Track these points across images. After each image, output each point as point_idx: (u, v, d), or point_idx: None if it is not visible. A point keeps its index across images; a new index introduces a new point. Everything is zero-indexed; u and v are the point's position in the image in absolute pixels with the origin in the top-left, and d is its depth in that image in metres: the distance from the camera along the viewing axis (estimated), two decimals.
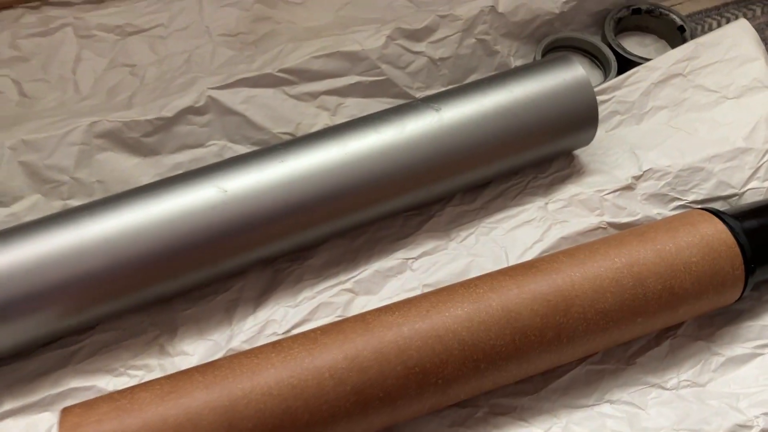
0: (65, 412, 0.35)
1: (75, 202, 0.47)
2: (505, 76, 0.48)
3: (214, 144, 0.50)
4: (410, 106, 0.46)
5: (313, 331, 0.38)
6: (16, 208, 0.46)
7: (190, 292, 0.44)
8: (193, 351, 0.42)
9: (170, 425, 0.34)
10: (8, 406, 0.40)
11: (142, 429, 0.34)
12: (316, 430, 0.36)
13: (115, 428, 0.34)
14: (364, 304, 0.44)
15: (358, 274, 0.45)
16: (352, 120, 0.45)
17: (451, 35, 0.55)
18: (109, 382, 0.41)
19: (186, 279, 0.42)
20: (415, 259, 0.46)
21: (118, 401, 0.35)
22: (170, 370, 0.41)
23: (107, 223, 0.40)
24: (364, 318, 0.38)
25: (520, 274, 0.40)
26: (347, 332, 0.38)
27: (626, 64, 0.57)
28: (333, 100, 0.52)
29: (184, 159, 0.49)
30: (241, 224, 0.42)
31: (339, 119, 0.52)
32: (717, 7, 0.64)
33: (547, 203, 0.48)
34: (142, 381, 0.40)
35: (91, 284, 0.40)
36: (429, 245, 0.46)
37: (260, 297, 0.44)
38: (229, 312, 0.44)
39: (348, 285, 0.45)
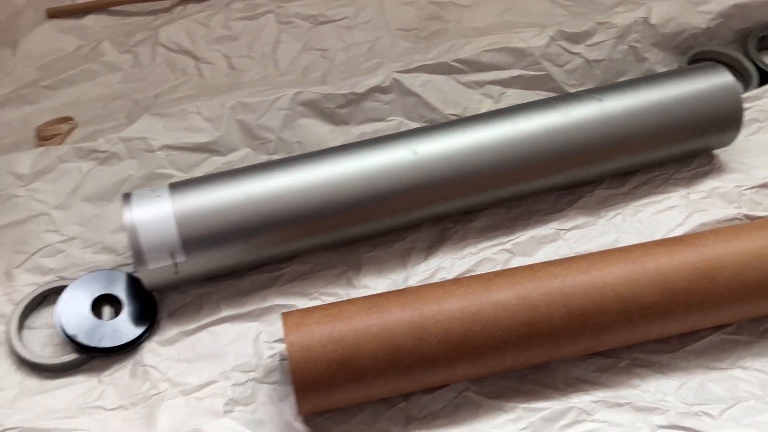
0: (286, 314, 0.43)
1: (277, 158, 0.55)
2: (660, 76, 0.53)
3: (393, 119, 0.58)
4: (575, 95, 0.52)
5: (488, 273, 0.45)
6: (230, 157, 0.56)
7: (371, 239, 0.52)
8: (374, 286, 0.50)
9: (373, 332, 0.42)
10: (226, 313, 0.48)
11: (350, 333, 0.42)
12: (489, 352, 0.42)
13: (329, 330, 0.42)
14: (522, 263, 0.50)
15: (516, 237, 0.52)
16: (523, 103, 0.52)
17: (606, 40, 0.61)
18: (305, 304, 0.49)
19: (370, 226, 0.50)
20: (567, 230, 0.52)
21: (329, 310, 0.43)
22: None
23: (308, 174, 0.48)
24: (531, 268, 0.45)
25: (671, 245, 0.46)
26: (518, 276, 0.44)
27: (767, 78, 0.61)
28: (497, 89, 0.59)
29: (368, 130, 0.57)
30: (422, 183, 0.49)
31: (501, 107, 0.58)
32: None
33: (689, 193, 0.53)
34: None
35: (292, 223, 0.48)
36: (580, 220, 0.53)
37: (430, 248, 0.52)
38: (404, 258, 0.51)
39: (507, 246, 0.51)
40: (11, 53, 0.63)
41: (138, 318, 0.47)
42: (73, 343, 0.45)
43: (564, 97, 0.52)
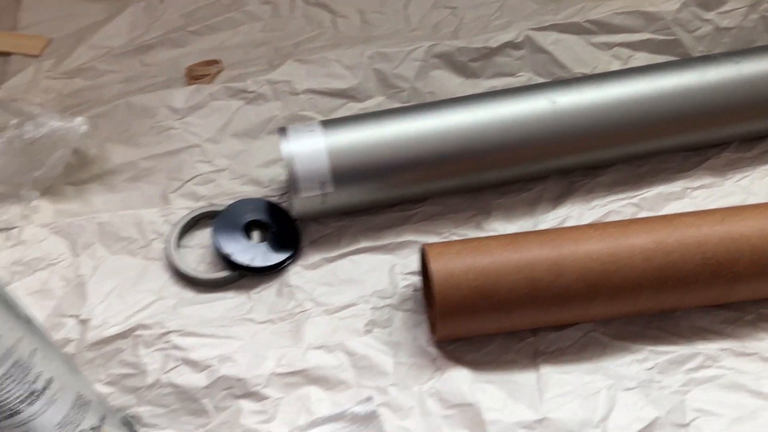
0: (428, 245, 0.46)
1: (421, 103, 0.57)
2: None
3: (522, 75, 0.60)
4: (711, 57, 0.53)
5: (623, 220, 0.47)
6: (366, 104, 0.59)
7: (499, 187, 0.54)
8: (503, 230, 0.52)
9: (513, 265, 0.44)
10: (364, 244, 0.51)
11: (491, 264, 0.44)
12: (623, 293, 0.44)
13: (470, 260, 0.44)
14: None
15: (644, 193, 0.53)
16: (659, 63, 0.53)
17: (739, 8, 0.61)
18: (438, 241, 0.51)
19: (502, 173, 0.52)
20: (694, 189, 0.53)
21: (470, 243, 0.46)
22: None
23: (448, 118, 0.50)
24: (666, 217, 0.46)
25: None
26: (653, 224, 0.46)
27: None
28: (626, 51, 0.60)
29: (498, 84, 0.59)
30: (557, 134, 0.51)
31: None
32: None
33: None
34: None
35: (429, 164, 0.50)
36: (707, 180, 0.54)
37: (558, 199, 0.53)
38: (532, 206, 0.53)
39: (634, 200, 0.53)
40: (159, 0, 0.68)
41: (284, 243, 0.51)
42: (227, 261, 0.49)
43: (700, 59, 0.53)
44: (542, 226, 0.52)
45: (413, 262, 0.50)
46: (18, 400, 0.31)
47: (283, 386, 0.45)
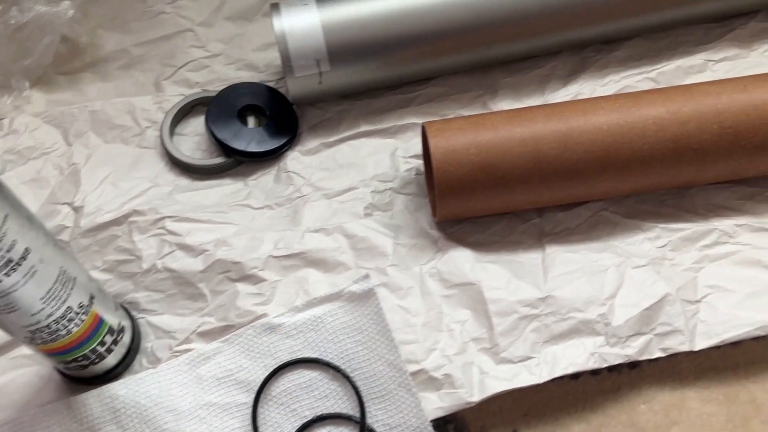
0: (428, 123, 0.44)
1: None
2: None
3: None
4: None
5: (637, 91, 0.44)
6: None
7: (509, 64, 0.51)
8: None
9: (517, 139, 0.42)
10: (364, 128, 0.49)
11: (494, 138, 0.42)
12: (635, 166, 0.42)
13: (472, 135, 0.42)
14: None
15: (662, 67, 0.50)
16: None
17: None
18: None
19: (509, 47, 0.49)
20: (716, 61, 0.50)
21: (472, 119, 0.43)
22: None
23: None
24: (684, 86, 0.43)
25: None
26: (669, 93, 0.43)
27: None
28: None
29: None
30: (572, 2, 0.47)
31: None
32: None
33: None
34: None
35: (431, 38, 0.47)
36: (730, 52, 0.50)
37: (569, 76, 0.50)
38: (542, 84, 0.50)
39: (651, 75, 0.49)
40: None
41: (281, 128, 0.49)
42: (222, 146, 0.48)
43: None
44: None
45: (416, 145, 0.48)
46: None
47: (280, 269, 0.44)
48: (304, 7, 0.47)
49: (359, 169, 0.48)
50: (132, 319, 0.42)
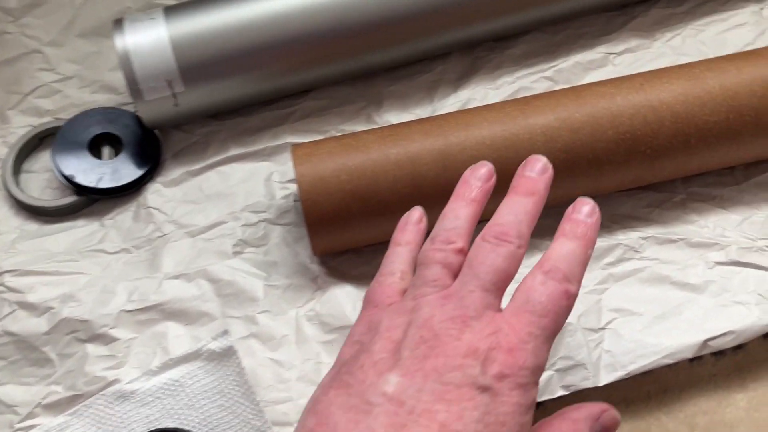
0: (296, 146, 0.39)
1: None
2: None
3: None
4: None
5: (525, 97, 0.39)
6: None
7: (394, 71, 0.46)
8: (397, 121, 0.45)
9: (392, 161, 0.37)
10: (234, 152, 0.44)
11: (367, 161, 0.37)
12: None
13: (343, 159, 0.37)
14: None
15: (559, 63, 0.45)
16: None
17: None
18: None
19: (391, 53, 0.44)
20: (618, 54, 0.46)
21: (343, 140, 0.38)
22: None
23: None
24: (575, 89, 0.39)
25: (739, 59, 0.39)
26: (559, 98, 0.38)
27: None
28: None
29: None
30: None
31: None
32: None
33: (762, 8, 0.46)
34: None
35: (300, 48, 0.42)
36: (632, 43, 0.46)
37: (460, 79, 0.46)
38: (430, 91, 0.46)
39: (548, 73, 0.45)
40: None
41: (140, 158, 0.43)
42: (70, 183, 0.42)
43: None
44: (441, 113, 0.44)
45: (293, 168, 0.43)
46: None
47: (134, 324, 0.38)
48: (151, 22, 0.41)
49: (229, 200, 0.42)
50: None
